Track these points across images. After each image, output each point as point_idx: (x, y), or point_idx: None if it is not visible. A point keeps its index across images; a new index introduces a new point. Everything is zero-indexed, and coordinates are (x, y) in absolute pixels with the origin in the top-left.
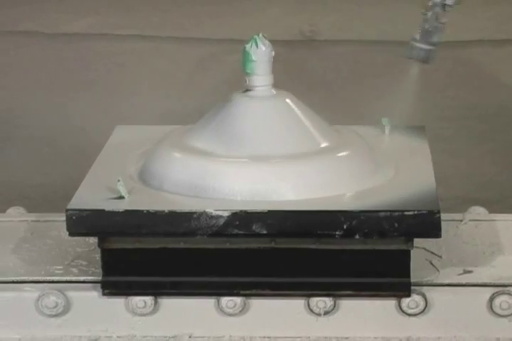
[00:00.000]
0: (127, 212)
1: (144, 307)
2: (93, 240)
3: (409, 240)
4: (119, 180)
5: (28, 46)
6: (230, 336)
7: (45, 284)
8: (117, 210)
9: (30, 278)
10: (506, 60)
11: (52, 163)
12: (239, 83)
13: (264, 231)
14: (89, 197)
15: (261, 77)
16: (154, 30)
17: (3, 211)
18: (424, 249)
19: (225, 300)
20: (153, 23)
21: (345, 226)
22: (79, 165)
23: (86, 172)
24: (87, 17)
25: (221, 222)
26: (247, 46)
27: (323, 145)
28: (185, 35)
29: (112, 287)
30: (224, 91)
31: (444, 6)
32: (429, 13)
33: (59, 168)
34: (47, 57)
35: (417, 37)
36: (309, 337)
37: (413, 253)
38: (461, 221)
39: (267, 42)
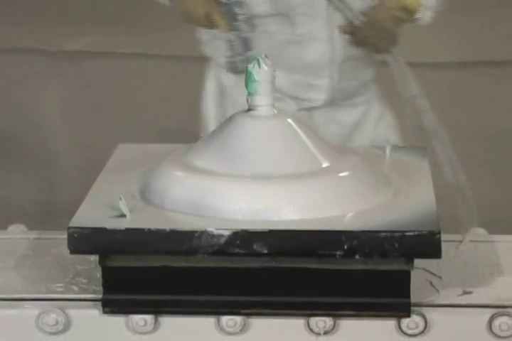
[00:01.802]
0: (129, 230)
1: (145, 325)
2: (94, 258)
3: (409, 260)
4: (120, 198)
5: (30, 63)
6: None
7: (46, 302)
8: (119, 228)
9: (31, 296)
10: (507, 81)
11: (53, 180)
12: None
13: (265, 251)
14: (90, 215)
15: (263, 97)
16: (156, 48)
17: (4, 228)
18: (425, 269)
19: (225, 319)
20: (154, 41)
21: (345, 246)
22: (80, 182)
23: (87, 190)
24: (89, 35)
25: (222, 240)
26: (250, 66)
27: (325, 165)
28: (186, 54)
29: (112, 305)
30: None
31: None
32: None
33: (60, 185)
34: (49, 74)
35: (237, 50)
36: None
37: (413, 273)
38: (461, 242)
39: (269, 62)
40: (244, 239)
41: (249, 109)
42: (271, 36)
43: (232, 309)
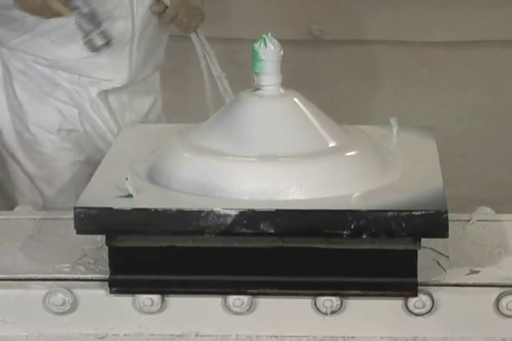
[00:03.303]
0: (135, 210)
1: (151, 305)
2: (100, 238)
3: (416, 240)
4: (127, 179)
5: None
6: (237, 335)
7: (53, 282)
8: (125, 208)
9: (38, 276)
10: None
11: None
12: (247, 82)
13: (272, 230)
14: (97, 195)
15: (269, 76)
16: None
17: (11, 208)
18: (432, 249)
19: (232, 299)
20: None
21: (352, 226)
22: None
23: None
24: None
25: (229, 220)
26: (256, 45)
27: (331, 144)
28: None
29: (119, 285)
30: (233, 90)
31: None
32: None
33: None
34: None
35: (89, 28)
36: (316, 337)
37: (420, 253)
38: (469, 221)
39: (275, 41)
40: (251, 219)
41: (255, 89)
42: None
43: (238, 289)
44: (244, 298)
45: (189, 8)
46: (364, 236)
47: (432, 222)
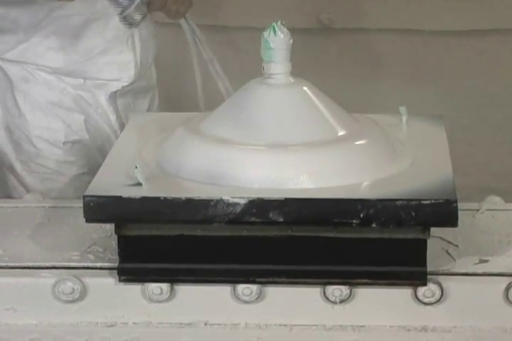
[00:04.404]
0: (144, 198)
1: (161, 294)
2: (109, 226)
3: (425, 229)
4: (136, 167)
5: None
6: (246, 323)
7: (62, 270)
8: (134, 197)
9: (47, 264)
10: None
11: None
12: (257, 70)
13: (281, 219)
14: (106, 183)
15: (279, 64)
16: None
17: (20, 197)
18: (441, 238)
19: (241, 288)
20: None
21: (362, 215)
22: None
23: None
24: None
25: (238, 209)
26: (266, 33)
27: (341, 133)
28: (203, 23)
29: (128, 273)
30: (242, 78)
31: None
32: None
33: None
34: None
35: (125, 3)
36: (325, 325)
37: (430, 242)
38: (478, 210)
39: (285, 30)
40: (260, 208)
41: (265, 77)
42: (69, 19)
43: (248, 277)
44: (254, 287)
45: None
46: (373, 225)
47: (442, 211)
